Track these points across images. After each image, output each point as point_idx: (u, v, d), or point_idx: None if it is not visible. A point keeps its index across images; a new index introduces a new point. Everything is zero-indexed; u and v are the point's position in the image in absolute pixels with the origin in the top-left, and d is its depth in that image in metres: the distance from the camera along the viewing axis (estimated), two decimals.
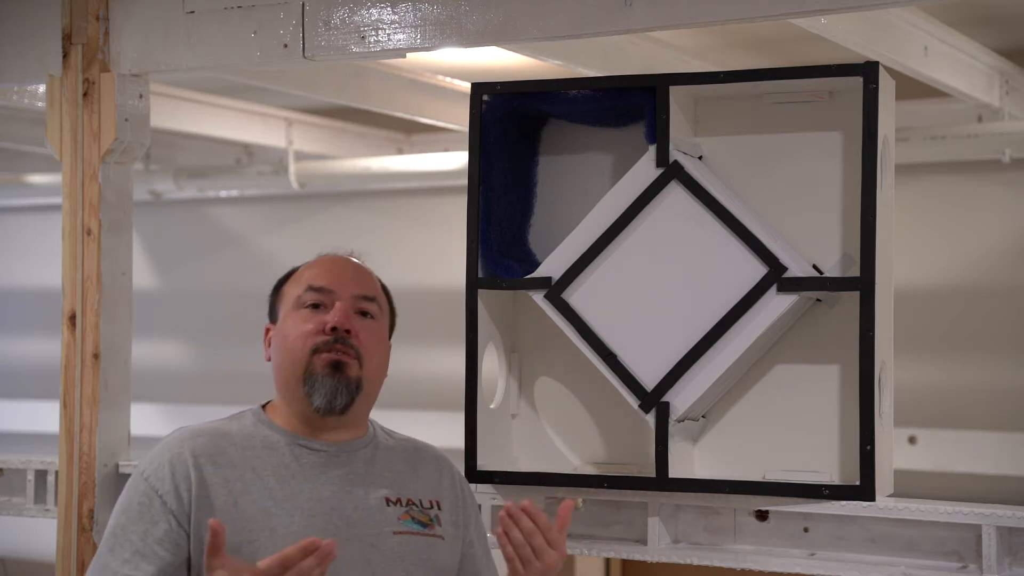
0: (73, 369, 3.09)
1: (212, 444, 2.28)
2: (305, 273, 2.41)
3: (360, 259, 2.48)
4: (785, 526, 2.64)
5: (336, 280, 2.38)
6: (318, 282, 2.38)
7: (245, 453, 2.29)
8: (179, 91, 5.06)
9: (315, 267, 2.42)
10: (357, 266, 2.44)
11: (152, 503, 2.23)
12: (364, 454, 2.37)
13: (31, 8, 3.20)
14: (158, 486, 2.23)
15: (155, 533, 2.21)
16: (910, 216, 4.78)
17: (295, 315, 2.36)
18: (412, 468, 2.41)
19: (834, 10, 2.82)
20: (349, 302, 2.36)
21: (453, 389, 3.19)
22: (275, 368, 2.38)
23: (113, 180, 3.12)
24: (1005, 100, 4.45)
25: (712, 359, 2.64)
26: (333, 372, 2.31)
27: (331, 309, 2.34)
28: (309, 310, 2.35)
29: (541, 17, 2.71)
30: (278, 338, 2.38)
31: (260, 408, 2.40)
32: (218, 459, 2.27)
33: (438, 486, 2.42)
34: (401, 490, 2.36)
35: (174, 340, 6.49)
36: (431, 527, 2.36)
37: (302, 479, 2.29)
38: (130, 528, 2.23)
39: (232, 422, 2.36)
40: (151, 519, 2.22)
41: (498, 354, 2.85)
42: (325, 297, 2.36)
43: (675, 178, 2.67)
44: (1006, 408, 5.00)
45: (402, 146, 6.02)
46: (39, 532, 4.34)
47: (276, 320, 2.41)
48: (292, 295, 2.39)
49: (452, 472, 2.47)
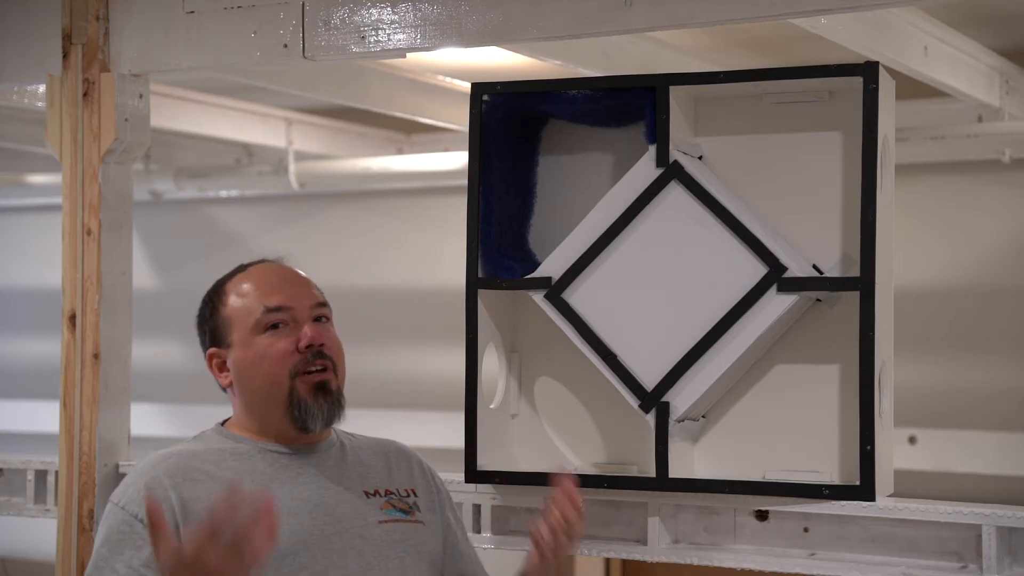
0: (73, 369, 3.09)
1: (184, 463, 2.27)
2: (249, 292, 2.36)
3: (291, 264, 2.45)
4: (785, 526, 2.64)
5: (290, 295, 2.35)
6: (273, 301, 2.34)
7: (219, 466, 2.28)
8: (179, 91, 5.06)
9: (258, 283, 2.37)
10: (298, 274, 2.42)
11: (133, 529, 2.19)
12: (333, 453, 2.38)
13: (31, 8, 3.20)
14: (136, 511, 2.20)
15: (140, 557, 2.17)
16: (910, 216, 4.78)
17: (259, 339, 2.33)
18: (381, 461, 2.43)
19: (834, 10, 2.82)
20: (308, 314, 2.35)
21: (453, 389, 3.19)
22: (245, 394, 2.35)
23: (113, 180, 3.12)
24: (1005, 100, 4.45)
25: (712, 359, 2.64)
26: (323, 395, 2.32)
27: (292, 326, 2.33)
28: (272, 332, 2.33)
29: (541, 17, 2.71)
30: (246, 364, 2.33)
31: (220, 425, 2.40)
32: (193, 475, 2.25)
33: (410, 475, 2.44)
34: (377, 482, 2.38)
35: (174, 340, 6.48)
36: (412, 514, 2.38)
37: (280, 483, 2.29)
38: (112, 559, 2.18)
39: (195, 443, 2.35)
40: (134, 545, 2.18)
41: (498, 354, 2.85)
42: (285, 315, 2.34)
43: (675, 178, 2.67)
44: (1006, 408, 5.00)
45: (402, 146, 6.02)
46: (39, 532, 4.34)
47: (222, 345, 2.37)
48: (246, 318, 2.34)
49: (419, 461, 2.50)
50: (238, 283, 2.39)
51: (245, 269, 2.42)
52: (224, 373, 2.37)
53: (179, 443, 2.37)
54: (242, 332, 2.35)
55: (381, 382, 5.89)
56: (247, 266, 2.43)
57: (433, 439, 4.89)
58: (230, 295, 2.38)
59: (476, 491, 2.80)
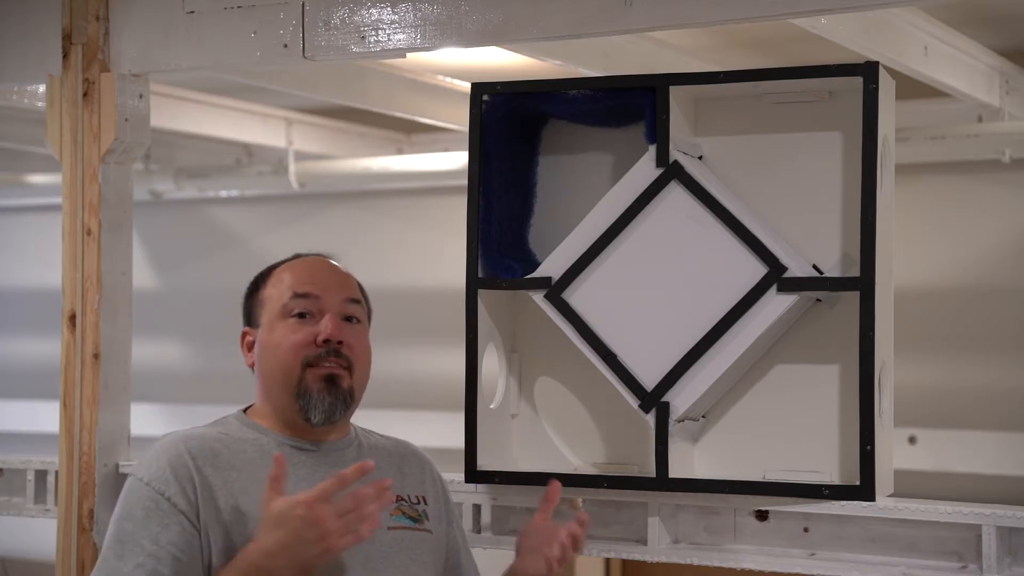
0: (73, 369, 3.09)
1: (206, 447, 2.27)
2: (286, 277, 2.38)
3: (338, 260, 2.46)
4: (785, 526, 2.64)
5: (321, 285, 2.36)
6: (303, 288, 2.35)
7: (238, 456, 2.28)
8: (179, 91, 5.06)
9: (296, 271, 2.39)
10: (338, 269, 2.43)
11: (159, 506, 2.19)
12: (351, 452, 2.38)
13: (31, 8, 3.20)
14: (163, 489, 2.20)
15: (167, 535, 2.17)
16: (910, 216, 4.78)
17: (282, 324, 2.34)
18: (397, 465, 2.42)
19: (834, 10, 2.82)
20: (336, 308, 2.35)
21: (453, 389, 3.19)
22: (262, 377, 2.37)
23: (113, 180, 3.12)
24: (1005, 100, 4.45)
25: (712, 359, 2.64)
26: (328, 388, 2.32)
27: (318, 317, 2.33)
28: (296, 319, 2.33)
29: (541, 17, 2.71)
30: (266, 347, 2.35)
31: (242, 412, 2.40)
32: (215, 461, 2.25)
33: (422, 482, 2.44)
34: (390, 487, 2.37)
35: (174, 340, 6.49)
36: (420, 522, 2.37)
37: (296, 478, 2.28)
38: (139, 534, 2.17)
39: (216, 427, 2.35)
40: (160, 522, 2.18)
41: (498, 354, 2.85)
42: (312, 304, 2.34)
43: (675, 178, 2.67)
44: (1006, 408, 5.00)
45: (402, 146, 6.02)
46: (39, 532, 4.34)
47: (254, 324, 2.39)
48: (275, 302, 2.36)
49: (432, 468, 2.49)
50: (283, 270, 2.41)
51: (296, 258, 2.44)
52: (250, 353, 2.39)
53: (199, 426, 2.36)
54: (270, 315, 2.36)
55: (381, 382, 5.81)
56: (299, 255, 2.45)
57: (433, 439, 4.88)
58: (271, 278, 2.40)
59: (476, 491, 2.80)
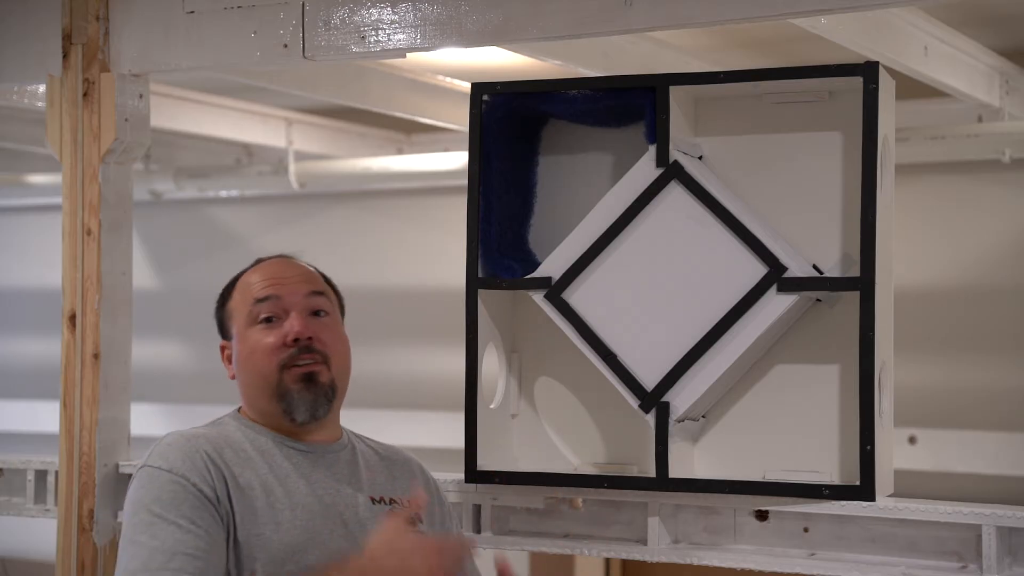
0: (73, 369, 3.09)
1: (211, 444, 2.28)
2: (247, 284, 2.39)
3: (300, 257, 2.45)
4: (785, 526, 2.64)
5: (281, 285, 2.36)
6: (263, 292, 2.36)
7: (240, 454, 2.29)
8: (179, 91, 5.06)
9: (255, 276, 2.40)
10: (297, 264, 2.43)
11: (187, 490, 2.18)
12: (345, 455, 2.39)
13: (31, 8, 3.20)
14: (186, 474, 2.20)
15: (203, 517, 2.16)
16: (910, 216, 4.78)
17: (252, 332, 2.35)
18: (388, 470, 2.44)
19: (834, 10, 2.81)
20: (301, 305, 2.35)
21: (453, 389, 3.19)
22: (243, 387, 2.37)
23: (113, 180, 3.12)
24: (1005, 100, 4.45)
25: (712, 359, 2.64)
26: (307, 385, 2.32)
27: (284, 319, 2.34)
28: (264, 324, 2.34)
29: (541, 17, 2.71)
30: (241, 358, 2.36)
31: (237, 412, 2.40)
32: (222, 456, 2.26)
33: (414, 485, 2.44)
34: (383, 490, 2.39)
35: (174, 340, 6.49)
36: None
37: (296, 477, 2.29)
38: (167, 514, 2.15)
39: (214, 428, 2.35)
40: (191, 504, 2.17)
41: (498, 354, 2.85)
42: (275, 306, 2.35)
43: (675, 178, 2.67)
44: (1006, 408, 5.00)
45: (402, 146, 6.02)
46: (39, 532, 4.34)
47: (228, 337, 2.40)
48: (241, 310, 2.37)
49: (424, 473, 2.50)
50: (245, 277, 2.42)
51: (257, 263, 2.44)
52: (231, 365, 2.40)
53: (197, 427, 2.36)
54: (240, 325, 2.37)
55: (381, 382, 5.89)
56: (260, 260, 2.44)
57: (433, 439, 4.89)
58: (236, 288, 2.41)
59: (476, 491, 2.80)
